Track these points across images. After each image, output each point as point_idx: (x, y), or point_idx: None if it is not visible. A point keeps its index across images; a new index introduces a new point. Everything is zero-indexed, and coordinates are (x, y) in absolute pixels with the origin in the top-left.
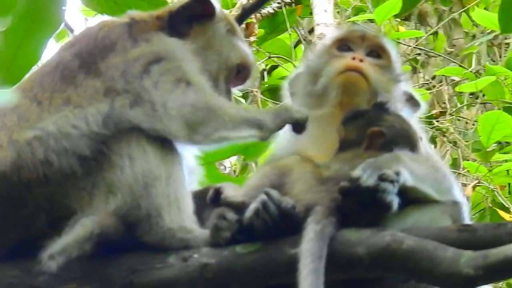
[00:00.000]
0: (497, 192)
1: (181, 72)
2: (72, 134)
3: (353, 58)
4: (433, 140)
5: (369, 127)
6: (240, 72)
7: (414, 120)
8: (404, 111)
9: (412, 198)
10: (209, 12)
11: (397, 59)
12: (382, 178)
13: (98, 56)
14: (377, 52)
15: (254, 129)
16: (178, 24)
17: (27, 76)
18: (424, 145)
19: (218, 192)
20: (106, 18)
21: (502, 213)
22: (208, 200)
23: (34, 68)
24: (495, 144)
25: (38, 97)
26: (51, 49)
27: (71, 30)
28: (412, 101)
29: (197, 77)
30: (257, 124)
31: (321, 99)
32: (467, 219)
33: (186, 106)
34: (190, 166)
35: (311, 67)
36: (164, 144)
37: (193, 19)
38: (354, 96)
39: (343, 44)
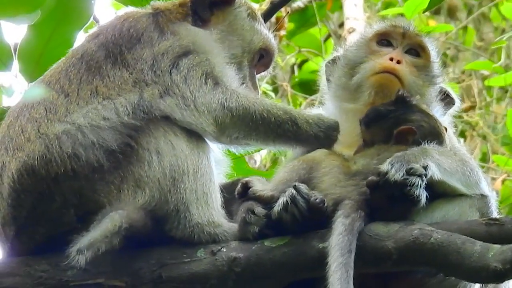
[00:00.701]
0: None
1: (209, 66)
2: (102, 126)
3: (391, 59)
4: (462, 134)
5: (396, 127)
6: (263, 57)
7: (447, 116)
8: (437, 109)
9: (440, 192)
10: None
11: (436, 59)
12: (410, 172)
13: (124, 46)
14: (416, 50)
15: (290, 143)
16: (200, 11)
17: (51, 67)
18: (452, 138)
19: (246, 187)
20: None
21: None
22: (236, 194)
23: None
24: None
25: (65, 89)
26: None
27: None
28: (447, 99)
29: (225, 73)
30: (294, 138)
31: (354, 95)
32: (495, 213)
33: (215, 104)
34: (218, 157)
35: (349, 59)
36: (191, 138)
37: (213, 5)
38: (386, 97)
39: (383, 39)
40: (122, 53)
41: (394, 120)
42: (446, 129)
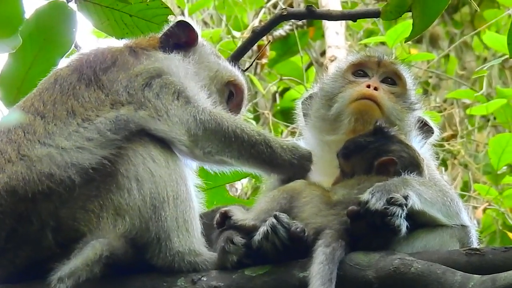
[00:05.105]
0: (507, 215)
1: (181, 86)
2: (86, 147)
3: (368, 86)
4: (444, 163)
5: (377, 158)
6: (234, 95)
7: (426, 146)
8: (417, 138)
9: (420, 222)
10: (192, 38)
11: (412, 86)
12: (391, 202)
13: (98, 68)
14: (392, 78)
15: (264, 167)
16: (167, 50)
17: (27, 96)
18: (432, 169)
19: (225, 216)
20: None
21: None
22: (215, 224)
23: None
24: (506, 167)
25: (40, 111)
26: None
27: None
28: (426, 127)
29: (197, 94)
30: (269, 162)
31: (334, 125)
32: (475, 243)
33: (187, 115)
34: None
35: (326, 91)
36: (169, 163)
37: (177, 46)
38: (367, 124)
39: (358, 69)
40: (97, 75)
41: (375, 151)
42: (423, 160)
